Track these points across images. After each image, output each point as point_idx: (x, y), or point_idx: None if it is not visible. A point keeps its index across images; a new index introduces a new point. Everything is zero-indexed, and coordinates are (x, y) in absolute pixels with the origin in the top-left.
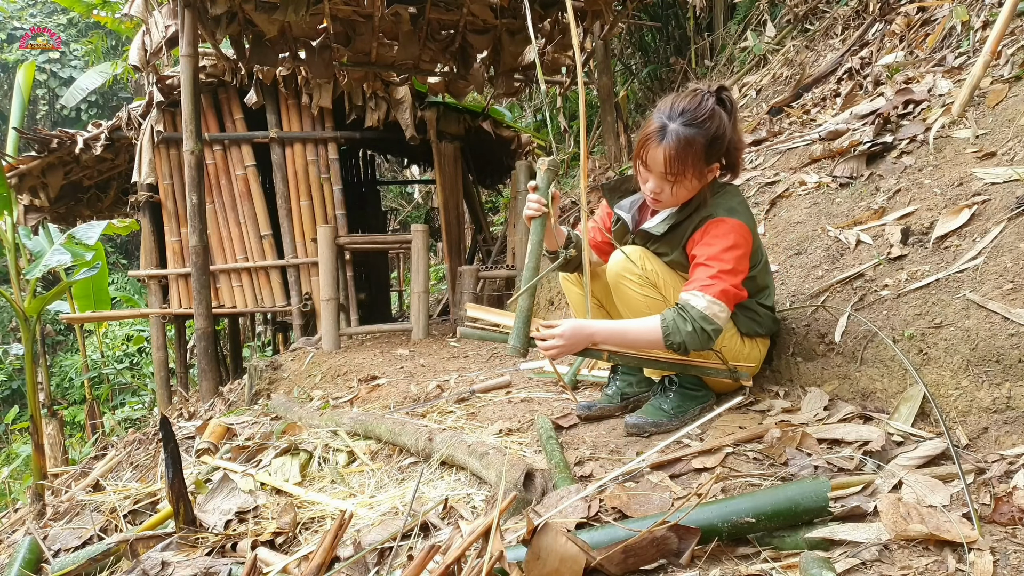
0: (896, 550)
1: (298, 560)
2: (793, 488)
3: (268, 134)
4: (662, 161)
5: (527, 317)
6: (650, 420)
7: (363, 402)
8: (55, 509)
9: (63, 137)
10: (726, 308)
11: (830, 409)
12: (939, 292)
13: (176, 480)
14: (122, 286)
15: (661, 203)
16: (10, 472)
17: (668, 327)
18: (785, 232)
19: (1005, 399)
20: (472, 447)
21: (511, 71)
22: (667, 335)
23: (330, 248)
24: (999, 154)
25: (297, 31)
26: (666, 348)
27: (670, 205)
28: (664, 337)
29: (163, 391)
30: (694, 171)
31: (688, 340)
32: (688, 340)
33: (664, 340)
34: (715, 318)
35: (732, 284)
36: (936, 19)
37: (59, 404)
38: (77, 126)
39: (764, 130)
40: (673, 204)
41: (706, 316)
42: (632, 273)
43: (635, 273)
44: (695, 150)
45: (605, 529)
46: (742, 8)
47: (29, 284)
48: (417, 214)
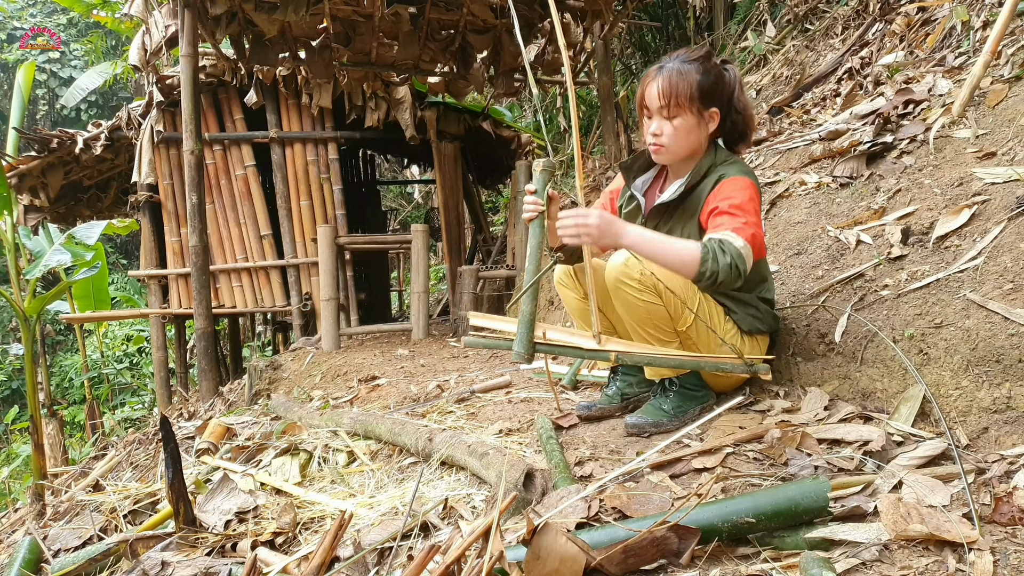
0: (896, 550)
1: (298, 560)
2: (793, 488)
3: (268, 134)
4: (656, 94)
5: (530, 322)
6: (650, 420)
7: (363, 402)
8: (55, 509)
9: (63, 137)
10: (752, 250)
11: (830, 409)
12: (939, 292)
13: (176, 480)
14: (122, 286)
15: (663, 148)
16: (10, 472)
17: (707, 253)
18: (785, 232)
19: (1005, 399)
20: (472, 447)
21: (511, 71)
22: (704, 259)
23: (330, 248)
24: (999, 154)
25: (297, 31)
26: (696, 274)
27: (671, 155)
28: (700, 261)
29: (163, 391)
30: (690, 105)
31: (723, 272)
32: (723, 272)
33: (699, 264)
34: (746, 256)
35: (755, 231)
36: (936, 19)
37: (59, 404)
38: (77, 126)
39: (764, 130)
40: (676, 150)
41: (742, 255)
42: (631, 278)
43: (634, 278)
44: (689, 80)
45: (605, 529)
46: (742, 8)
47: (29, 284)
48: (417, 214)
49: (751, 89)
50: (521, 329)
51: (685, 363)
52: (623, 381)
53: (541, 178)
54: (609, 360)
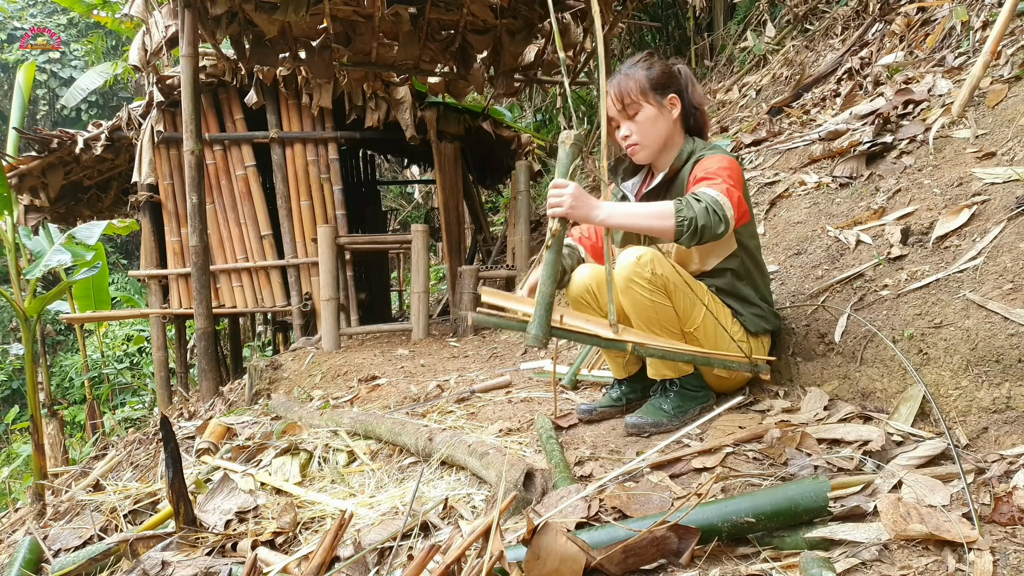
0: (896, 550)
1: (298, 560)
2: (793, 488)
3: (268, 134)
4: (612, 102)
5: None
6: (650, 420)
7: (363, 402)
8: (55, 509)
9: (63, 137)
10: (732, 207)
11: (830, 409)
12: (939, 292)
13: (176, 480)
14: (122, 286)
15: (638, 147)
16: (10, 472)
17: (681, 204)
18: (785, 232)
19: (1005, 399)
20: (472, 447)
21: (511, 71)
22: (679, 210)
23: (330, 248)
24: (999, 154)
25: (297, 31)
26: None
27: (647, 149)
28: (675, 212)
29: (163, 391)
30: (644, 98)
31: (700, 215)
32: (700, 215)
33: (675, 214)
34: (724, 206)
35: (739, 193)
36: (936, 19)
37: (59, 404)
38: (77, 126)
39: (764, 130)
40: (648, 143)
41: (718, 201)
42: (642, 277)
43: (645, 277)
44: (636, 78)
45: (605, 529)
46: (742, 8)
47: (29, 284)
48: (417, 214)
49: (751, 89)
50: (540, 311)
51: (697, 359)
52: (627, 387)
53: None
54: (625, 350)
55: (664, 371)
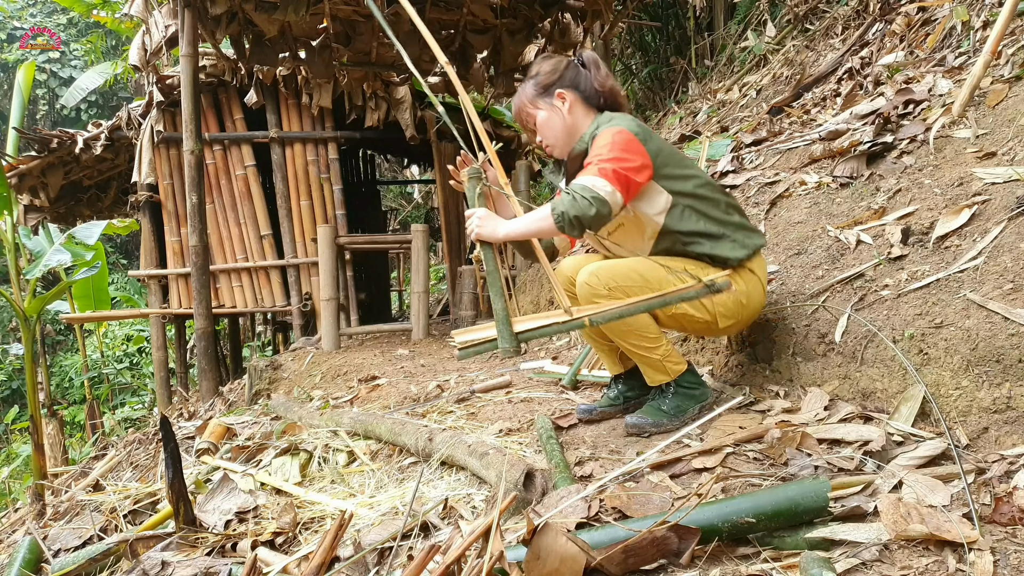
0: (896, 550)
1: (298, 560)
2: (793, 488)
3: (268, 134)
4: (516, 118)
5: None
6: (649, 420)
7: (363, 402)
8: (55, 509)
9: (63, 137)
10: (608, 183)
11: (830, 409)
12: (939, 292)
13: (176, 480)
14: (122, 286)
15: (549, 147)
16: (10, 472)
17: (556, 203)
18: (785, 232)
19: (1005, 399)
20: (472, 447)
21: (511, 71)
22: (553, 208)
23: (330, 248)
24: (999, 154)
25: (297, 31)
26: (555, 223)
27: (556, 146)
28: (552, 211)
29: (163, 391)
30: (535, 106)
31: (571, 207)
32: (571, 207)
33: (552, 214)
34: (595, 187)
35: (614, 167)
36: (936, 19)
37: (59, 404)
38: (77, 126)
39: (764, 130)
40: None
41: (586, 187)
42: (599, 294)
43: (602, 293)
44: (522, 94)
45: (605, 529)
46: (742, 8)
47: (29, 284)
48: (417, 214)
49: (751, 89)
50: (500, 327)
51: (653, 304)
52: (625, 385)
53: (471, 186)
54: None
55: (658, 377)
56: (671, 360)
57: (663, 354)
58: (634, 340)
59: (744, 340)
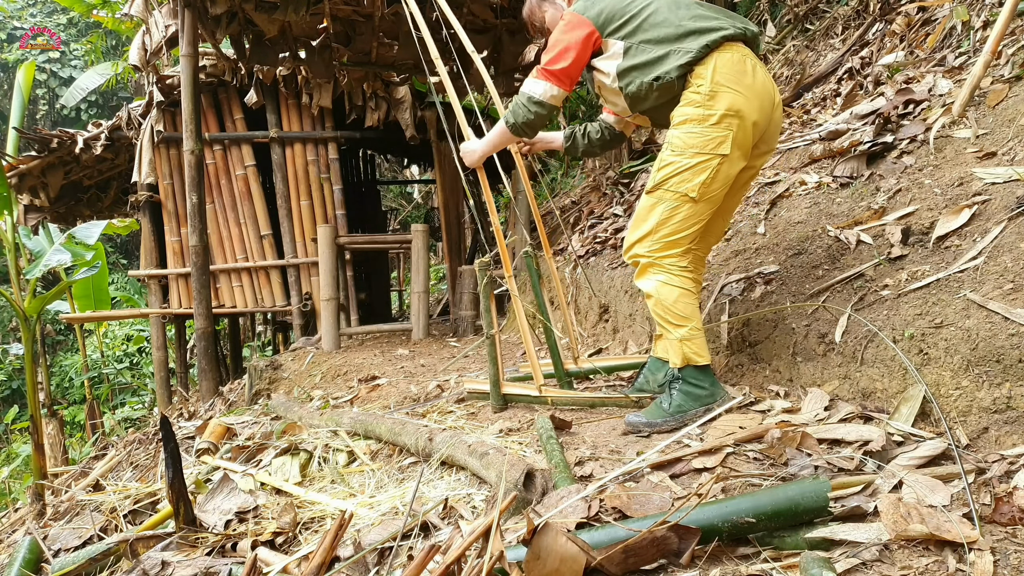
0: (896, 550)
1: (298, 560)
2: (793, 488)
3: (268, 134)
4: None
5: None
6: (646, 420)
7: (363, 402)
8: (55, 509)
9: (63, 137)
10: (541, 82)
11: (830, 409)
12: (939, 292)
13: (176, 480)
14: (122, 286)
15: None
16: (10, 472)
17: (506, 116)
18: (785, 232)
19: (1005, 399)
20: (472, 447)
21: (511, 71)
22: (505, 119)
23: (330, 248)
24: (999, 154)
25: (297, 31)
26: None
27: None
28: (504, 120)
29: (163, 391)
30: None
31: (511, 113)
32: (511, 113)
33: (504, 123)
34: (531, 91)
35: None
36: (936, 19)
37: (59, 404)
38: (77, 126)
39: None
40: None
41: (523, 91)
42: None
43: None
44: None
45: (605, 529)
46: (742, 8)
47: (29, 284)
48: (417, 214)
49: None
50: (492, 389)
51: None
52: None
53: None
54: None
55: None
56: (690, 347)
57: (683, 336)
58: (660, 311)
59: (744, 340)
